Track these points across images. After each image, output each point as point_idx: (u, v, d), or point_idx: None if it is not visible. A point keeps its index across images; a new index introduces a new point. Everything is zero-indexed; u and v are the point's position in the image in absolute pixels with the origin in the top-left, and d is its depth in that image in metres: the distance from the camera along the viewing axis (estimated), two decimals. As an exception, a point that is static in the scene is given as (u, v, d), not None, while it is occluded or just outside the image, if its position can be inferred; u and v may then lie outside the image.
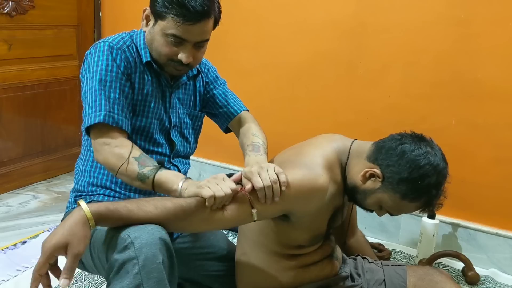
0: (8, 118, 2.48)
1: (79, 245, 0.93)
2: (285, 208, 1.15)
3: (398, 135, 1.20)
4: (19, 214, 2.31)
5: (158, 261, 0.98)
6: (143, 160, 1.16)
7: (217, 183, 1.08)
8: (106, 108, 1.18)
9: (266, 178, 1.08)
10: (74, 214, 0.96)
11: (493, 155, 1.95)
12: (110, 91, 1.20)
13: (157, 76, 1.32)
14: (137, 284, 0.96)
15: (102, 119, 1.17)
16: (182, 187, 1.10)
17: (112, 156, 1.16)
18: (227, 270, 1.41)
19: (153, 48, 1.26)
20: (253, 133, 1.37)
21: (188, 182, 1.12)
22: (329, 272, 1.33)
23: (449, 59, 1.96)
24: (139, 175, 1.14)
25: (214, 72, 1.50)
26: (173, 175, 1.15)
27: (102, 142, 1.18)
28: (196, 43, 1.23)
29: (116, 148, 1.17)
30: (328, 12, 2.18)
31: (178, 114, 1.39)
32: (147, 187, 1.15)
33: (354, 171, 1.22)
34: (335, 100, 2.24)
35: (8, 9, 2.37)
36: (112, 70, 1.22)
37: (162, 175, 1.14)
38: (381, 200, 1.19)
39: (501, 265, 1.99)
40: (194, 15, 1.17)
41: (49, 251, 0.93)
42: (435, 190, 1.15)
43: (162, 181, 1.13)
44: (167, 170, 1.17)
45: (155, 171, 1.14)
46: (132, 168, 1.15)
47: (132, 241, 0.97)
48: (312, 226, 1.24)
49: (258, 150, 1.28)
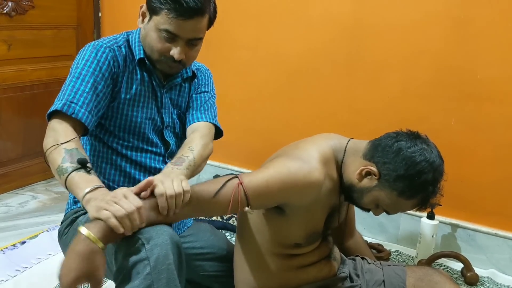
0: (7, 118, 2.48)
1: (100, 273, 0.92)
2: (280, 200, 1.16)
3: (394, 133, 1.21)
4: (18, 214, 2.31)
5: (169, 261, 0.98)
6: (71, 155, 1.08)
7: (116, 201, 0.95)
8: (69, 98, 1.17)
9: (169, 187, 1.02)
10: (81, 245, 0.92)
11: (492, 155, 1.95)
12: (81, 83, 1.20)
13: (150, 75, 1.32)
14: (148, 284, 0.96)
15: (60, 107, 1.16)
16: (85, 196, 1.00)
17: (50, 142, 1.11)
18: (226, 270, 1.40)
19: (147, 43, 1.27)
20: (190, 147, 1.27)
21: (93, 194, 1.00)
22: (327, 273, 1.33)
23: (449, 59, 1.96)
24: (59, 168, 1.07)
25: (210, 80, 1.48)
26: (85, 180, 1.04)
27: (51, 127, 1.15)
28: (189, 40, 1.24)
29: (59, 136, 1.11)
30: (327, 12, 2.18)
31: (171, 115, 1.38)
32: (62, 183, 1.07)
33: (351, 170, 1.22)
34: (334, 100, 2.24)
35: (8, 9, 2.37)
36: (90, 66, 1.22)
37: (75, 176, 1.04)
38: (377, 198, 1.19)
39: (500, 265, 1.99)
40: (187, 11, 1.18)
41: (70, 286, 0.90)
42: (431, 187, 1.16)
43: (72, 183, 1.04)
44: (85, 173, 1.06)
45: (71, 170, 1.05)
46: (57, 159, 1.08)
47: (143, 242, 0.97)
48: (307, 222, 1.23)
49: (180, 164, 1.19)
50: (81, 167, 1.06)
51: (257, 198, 1.12)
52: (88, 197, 1.00)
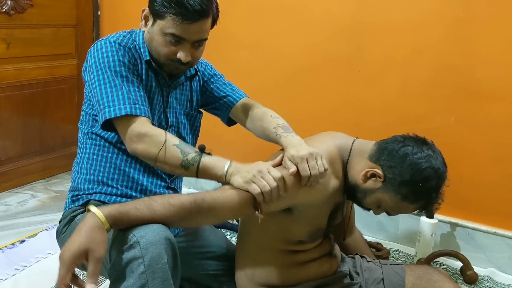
0: (6, 117, 2.48)
1: (100, 250, 0.93)
2: (290, 201, 1.17)
3: (401, 137, 1.21)
4: (17, 213, 2.31)
5: (164, 260, 0.98)
6: (184, 147, 1.16)
7: (262, 176, 1.08)
8: (130, 101, 1.18)
9: (315, 167, 1.10)
10: (87, 220, 0.95)
11: (491, 154, 1.95)
12: (129, 84, 1.21)
13: (156, 75, 1.32)
14: (142, 284, 0.96)
15: (129, 111, 1.17)
16: (228, 172, 1.12)
17: (154, 145, 1.15)
18: (226, 269, 1.41)
19: (153, 47, 1.27)
20: (272, 115, 1.35)
21: (233, 168, 1.13)
22: (328, 270, 1.33)
23: (448, 58, 1.96)
24: (183, 162, 1.14)
25: (211, 69, 1.50)
26: (216, 160, 1.15)
27: (138, 132, 1.16)
28: (195, 42, 1.24)
29: (155, 137, 1.16)
30: (327, 11, 2.18)
31: (176, 114, 1.39)
32: (190, 174, 1.15)
33: (356, 170, 1.23)
34: (334, 100, 2.24)
35: (7, 8, 2.37)
36: (125, 64, 1.23)
37: (206, 161, 1.14)
38: (380, 200, 1.21)
39: (499, 264, 1.99)
40: (193, 14, 1.18)
41: (70, 260, 0.91)
42: (434, 193, 1.18)
43: (208, 167, 1.14)
44: (210, 156, 1.16)
45: (199, 158, 1.14)
46: (175, 156, 1.14)
47: (137, 240, 0.97)
48: (313, 220, 1.24)
49: (291, 131, 1.27)
50: (203, 153, 1.16)
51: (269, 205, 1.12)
52: (230, 171, 1.12)
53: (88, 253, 0.92)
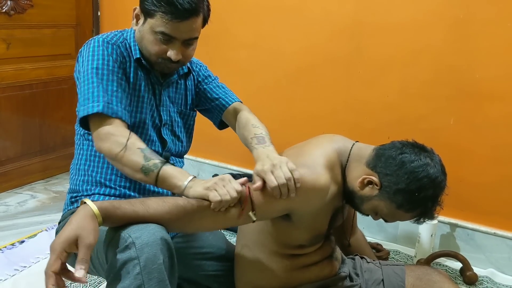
0: (6, 117, 2.48)
1: (90, 237, 0.93)
2: (286, 207, 1.16)
3: (400, 143, 1.20)
4: (17, 213, 2.31)
5: (159, 261, 0.97)
6: (149, 153, 1.15)
7: (224, 185, 1.07)
8: (105, 100, 1.18)
9: (280, 176, 1.08)
10: (80, 211, 0.96)
11: (491, 155, 1.95)
12: (107, 83, 1.21)
13: (148, 73, 1.33)
14: (138, 284, 0.96)
15: (101, 109, 1.17)
16: (187, 185, 1.10)
17: (117, 146, 1.15)
18: (225, 270, 1.40)
19: (143, 46, 1.28)
20: (253, 124, 1.35)
21: (194, 181, 1.11)
22: (329, 272, 1.33)
23: (448, 58, 1.96)
24: (144, 168, 1.13)
25: (205, 70, 1.51)
26: (179, 171, 1.13)
27: (106, 131, 1.16)
28: (185, 40, 1.25)
29: (120, 138, 1.15)
30: (327, 11, 2.18)
31: (169, 112, 1.39)
32: (150, 180, 1.13)
33: (353, 176, 1.22)
34: (334, 100, 2.24)
35: (7, 8, 2.37)
36: (109, 64, 1.23)
37: (167, 170, 1.12)
38: (377, 207, 1.20)
39: (499, 265, 1.99)
40: (182, 13, 1.19)
41: (60, 246, 0.91)
42: (431, 203, 1.16)
43: (167, 176, 1.12)
44: (172, 166, 1.15)
45: (160, 165, 1.12)
46: (137, 160, 1.13)
47: (133, 241, 0.97)
48: (313, 225, 1.23)
49: (264, 142, 1.27)
50: (166, 162, 1.14)
51: (263, 206, 1.12)
52: (190, 185, 1.10)
53: (78, 240, 0.92)
